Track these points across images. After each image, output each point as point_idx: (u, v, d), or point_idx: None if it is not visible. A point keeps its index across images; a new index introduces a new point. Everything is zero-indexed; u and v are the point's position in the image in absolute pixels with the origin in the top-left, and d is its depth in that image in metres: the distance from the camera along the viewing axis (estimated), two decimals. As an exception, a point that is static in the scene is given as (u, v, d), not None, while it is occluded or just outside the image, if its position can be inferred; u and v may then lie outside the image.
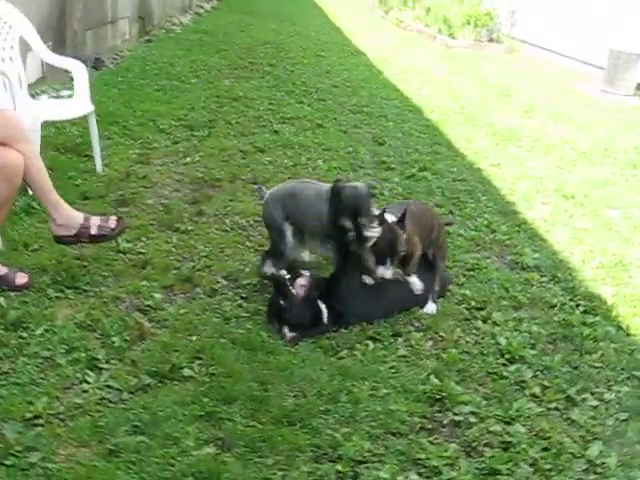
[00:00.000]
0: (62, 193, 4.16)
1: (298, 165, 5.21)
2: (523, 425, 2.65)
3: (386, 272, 3.18)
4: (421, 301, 3.42)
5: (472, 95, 8.07)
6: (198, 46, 9.55)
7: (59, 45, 6.85)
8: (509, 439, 2.57)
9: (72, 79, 7.08)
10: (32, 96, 5.18)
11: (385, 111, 6.98)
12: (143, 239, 3.86)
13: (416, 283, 3.35)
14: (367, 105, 7.15)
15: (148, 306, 3.23)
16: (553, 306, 3.54)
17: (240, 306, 3.30)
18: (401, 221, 3.19)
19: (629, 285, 3.83)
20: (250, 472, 2.32)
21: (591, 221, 4.68)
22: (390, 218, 3.22)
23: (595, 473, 2.47)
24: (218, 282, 3.51)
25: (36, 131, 4.22)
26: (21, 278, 3.27)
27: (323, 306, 3.16)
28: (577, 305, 3.57)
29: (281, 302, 3.11)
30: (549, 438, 2.60)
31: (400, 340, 3.15)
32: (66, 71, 6.96)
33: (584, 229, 4.53)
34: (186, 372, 2.78)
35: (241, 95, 7.10)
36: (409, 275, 3.34)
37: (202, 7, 12.71)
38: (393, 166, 5.37)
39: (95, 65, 7.73)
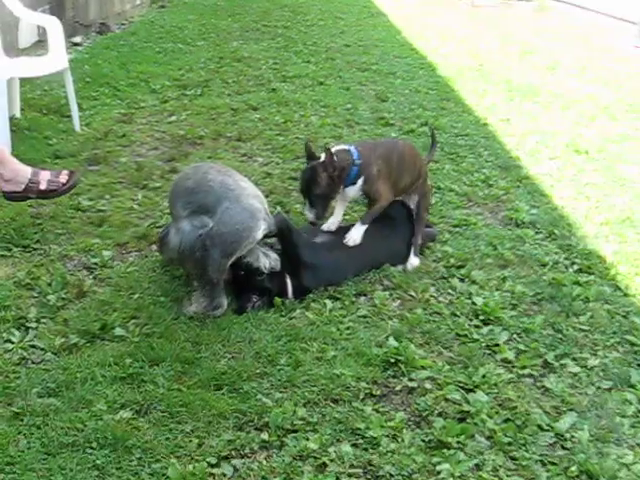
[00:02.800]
0: (34, 153, 4.05)
1: (289, 122, 4.91)
2: (487, 393, 2.34)
3: (308, 214, 2.92)
4: (397, 258, 3.11)
5: (492, 52, 7.61)
6: (212, 11, 9.27)
7: (59, 9, 6.66)
8: (467, 408, 2.26)
9: (73, 44, 7.01)
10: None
11: (395, 69, 6.60)
12: (107, 197, 3.64)
13: (353, 236, 2.97)
14: (377, 63, 6.78)
15: (95, 264, 3.00)
16: (544, 264, 3.19)
17: (195, 264, 3.03)
18: (329, 162, 2.87)
19: (634, 243, 3.45)
20: (162, 439, 2.07)
21: (602, 177, 4.28)
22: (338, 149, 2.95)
23: (563, 448, 2.15)
24: (177, 240, 3.25)
25: (2, 87, 4.02)
26: (-34, 236, 3.07)
27: (289, 280, 2.84)
28: (572, 263, 3.21)
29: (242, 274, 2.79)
30: (514, 408, 2.28)
31: (363, 299, 2.86)
32: (68, 39, 6.87)
33: (593, 184, 4.13)
34: (118, 332, 2.54)
35: (246, 56, 6.81)
36: (360, 222, 3.00)
37: (224, -26, 12.37)
38: (392, 122, 5.03)
39: (100, 30, 7.54)
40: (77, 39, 6.95)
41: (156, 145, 4.42)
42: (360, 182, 2.97)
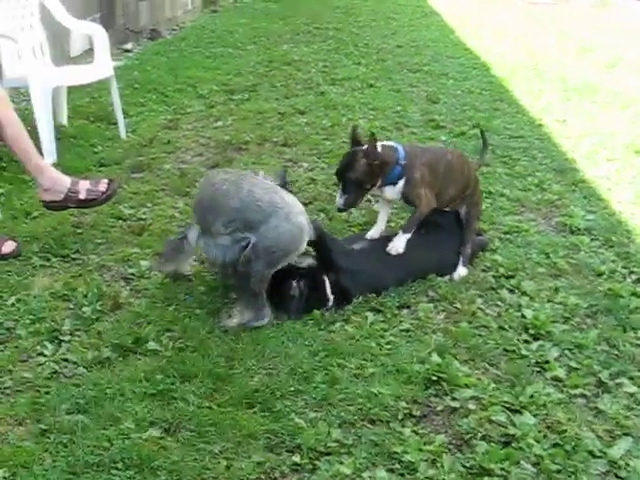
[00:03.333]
0: (79, 161, 4.06)
1: (337, 126, 4.81)
2: (535, 415, 2.18)
3: (338, 199, 2.85)
4: (446, 268, 2.98)
5: (548, 50, 7.37)
6: (263, 14, 9.27)
7: (109, 17, 6.73)
8: (513, 431, 2.11)
9: (125, 50, 7.07)
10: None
11: (447, 69, 6.44)
12: (148, 205, 3.61)
13: (396, 245, 2.86)
14: (428, 64, 6.63)
15: (132, 274, 2.96)
16: (600, 274, 3.01)
17: (233, 274, 2.96)
18: (371, 150, 2.77)
19: (701, 250, 3.22)
20: (189, 460, 1.98)
21: (665, 179, 4.04)
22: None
23: (616, 477, 1.98)
24: (217, 248, 3.19)
25: (48, 96, 4.04)
26: (8, 246, 3.07)
27: (327, 283, 2.73)
28: (630, 273, 3.02)
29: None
30: (564, 432, 2.12)
31: (406, 312, 2.73)
32: (119, 46, 6.94)
33: (654, 187, 3.91)
34: (151, 345, 2.47)
35: (296, 59, 6.75)
36: (402, 231, 2.89)
37: (276, -23, 12.38)
38: (443, 124, 4.88)
39: (151, 36, 7.61)
40: (128, 46, 7.02)
41: (201, 151, 4.38)
42: (401, 183, 2.86)
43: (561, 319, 2.69)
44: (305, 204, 3.22)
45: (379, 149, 2.80)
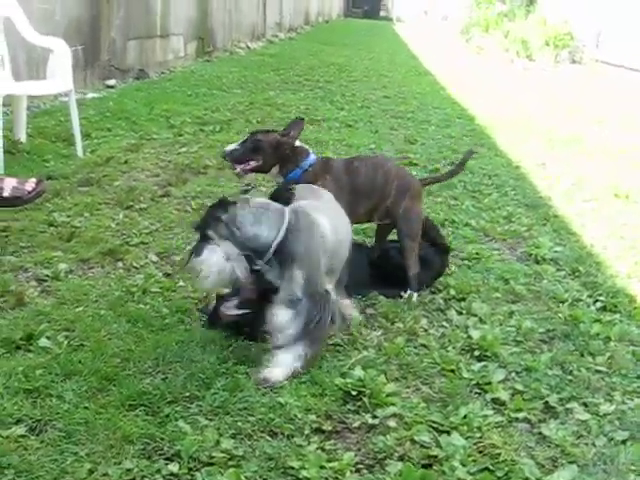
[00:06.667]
0: (26, 172, 3.83)
1: (304, 157, 4.60)
2: (466, 437, 1.87)
3: (228, 147, 2.78)
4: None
5: (538, 108, 7.26)
6: (257, 65, 9.26)
7: (93, 50, 6.64)
8: (436, 453, 1.79)
9: (107, 86, 6.96)
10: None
11: (431, 117, 6.30)
12: (86, 215, 3.37)
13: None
14: (412, 112, 6.50)
15: (47, 276, 2.69)
16: (562, 301, 2.73)
17: (157, 281, 2.69)
18: (290, 131, 2.70)
19: (673, 285, 2.94)
20: (47, 460, 1.68)
21: (643, 220, 3.79)
22: None
23: (553, 507, 1.66)
24: (146, 258, 2.94)
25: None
26: None
27: None
28: (595, 301, 2.74)
29: None
30: (497, 456, 1.80)
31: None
32: (103, 81, 6.85)
33: (631, 225, 3.66)
34: (43, 343, 2.19)
35: (279, 102, 6.63)
36: None
37: (276, 36, 12.51)
38: (416, 162, 4.68)
39: (138, 76, 7.53)
40: (111, 82, 6.91)
41: (157, 172, 4.16)
42: None
43: (512, 342, 2.40)
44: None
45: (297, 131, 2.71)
